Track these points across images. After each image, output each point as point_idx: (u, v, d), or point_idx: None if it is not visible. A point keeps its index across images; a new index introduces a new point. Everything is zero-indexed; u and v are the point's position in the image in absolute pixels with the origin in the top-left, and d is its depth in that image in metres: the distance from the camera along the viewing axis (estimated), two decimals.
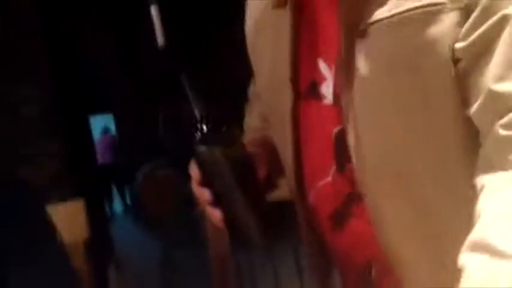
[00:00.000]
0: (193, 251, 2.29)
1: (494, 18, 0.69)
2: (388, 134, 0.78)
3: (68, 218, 1.31)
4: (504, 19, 0.69)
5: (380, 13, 0.76)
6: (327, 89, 0.85)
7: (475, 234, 0.62)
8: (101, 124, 8.71)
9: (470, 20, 0.71)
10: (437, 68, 0.74)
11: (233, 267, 1.32)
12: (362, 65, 0.78)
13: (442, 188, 0.78)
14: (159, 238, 2.95)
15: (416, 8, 0.73)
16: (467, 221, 0.67)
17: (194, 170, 0.91)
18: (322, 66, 0.85)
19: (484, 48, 0.70)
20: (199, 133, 0.86)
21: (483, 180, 0.69)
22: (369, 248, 0.84)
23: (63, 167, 3.15)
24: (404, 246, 0.80)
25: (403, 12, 0.74)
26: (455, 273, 0.62)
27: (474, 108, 0.72)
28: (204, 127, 0.86)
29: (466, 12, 0.71)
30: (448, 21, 0.72)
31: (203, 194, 0.90)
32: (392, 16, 0.75)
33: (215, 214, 0.90)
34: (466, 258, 0.60)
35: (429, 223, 0.80)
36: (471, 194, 0.70)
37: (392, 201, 0.80)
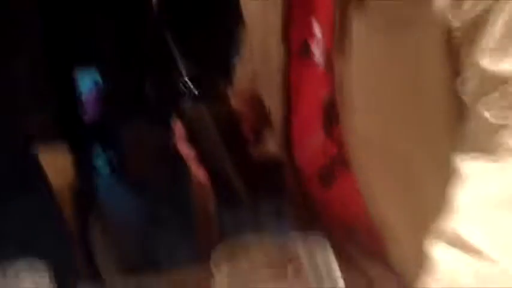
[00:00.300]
0: (177, 207, 2.29)
1: None
2: (380, 104, 0.77)
3: (54, 163, 1.33)
4: None
5: None
6: (317, 49, 0.84)
7: (445, 224, 0.59)
8: (91, 78, 8.61)
9: None
10: (433, 36, 0.71)
11: (217, 224, 1.33)
12: (358, 31, 0.75)
13: (429, 160, 0.78)
14: (143, 195, 2.96)
15: None
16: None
17: (178, 127, 0.90)
18: (316, 25, 0.84)
19: (479, 21, 0.67)
20: (184, 89, 0.85)
21: (460, 162, 0.67)
22: (355, 207, 0.85)
23: (51, 115, 3.14)
24: (390, 210, 0.81)
25: None
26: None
27: (462, 81, 0.70)
28: (190, 83, 0.85)
29: None
30: None
31: (188, 151, 0.89)
32: None
33: (200, 171, 0.89)
34: (433, 247, 0.58)
35: (415, 191, 0.80)
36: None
37: (380, 168, 0.80)
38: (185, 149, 0.89)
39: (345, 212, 0.87)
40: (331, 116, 0.82)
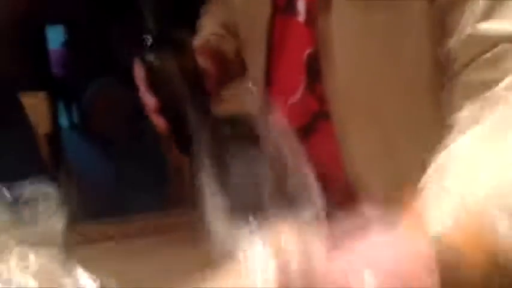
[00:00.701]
0: (146, 161, 2.29)
1: None
2: (362, 62, 0.78)
3: (33, 109, 1.42)
4: None
5: None
6: (302, 5, 0.84)
7: (432, 172, 0.58)
8: (59, 35, 8.40)
9: None
10: (417, 2, 0.72)
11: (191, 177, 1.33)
12: None
13: (409, 122, 0.79)
14: (108, 151, 2.93)
15: None
16: (424, 156, 0.64)
17: (140, 77, 0.89)
18: None
19: None
20: (149, 41, 0.85)
21: (453, 118, 0.64)
22: (332, 160, 0.85)
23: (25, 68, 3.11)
24: (366, 168, 0.82)
25: None
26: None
27: (449, 44, 0.70)
28: (155, 34, 0.84)
29: None
30: None
31: (149, 100, 0.89)
32: None
33: (160, 122, 0.89)
34: (420, 196, 0.56)
35: (392, 152, 0.81)
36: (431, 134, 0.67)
37: (358, 125, 0.81)
38: (146, 98, 0.89)
39: (321, 164, 0.88)
40: (314, 72, 0.83)
